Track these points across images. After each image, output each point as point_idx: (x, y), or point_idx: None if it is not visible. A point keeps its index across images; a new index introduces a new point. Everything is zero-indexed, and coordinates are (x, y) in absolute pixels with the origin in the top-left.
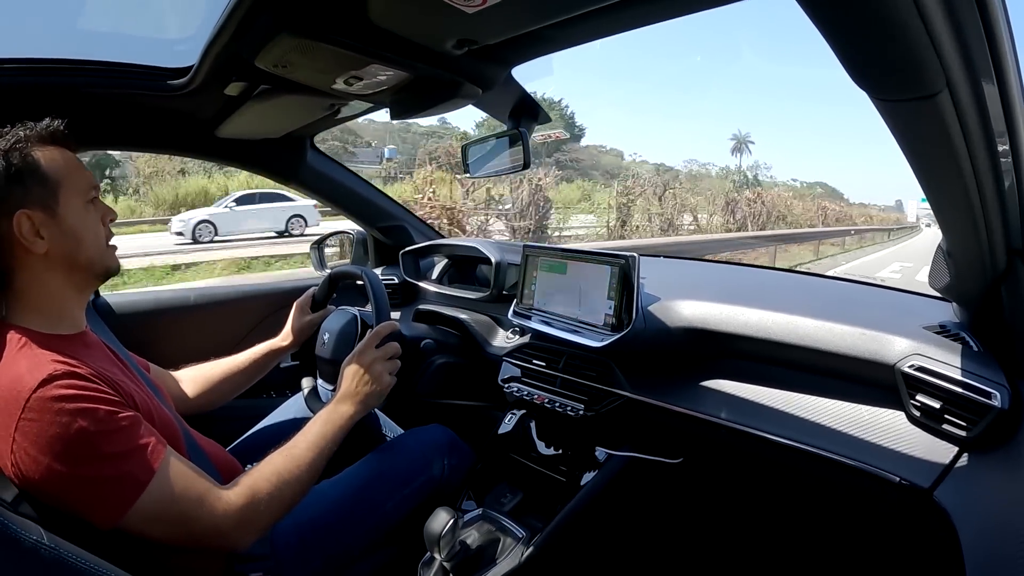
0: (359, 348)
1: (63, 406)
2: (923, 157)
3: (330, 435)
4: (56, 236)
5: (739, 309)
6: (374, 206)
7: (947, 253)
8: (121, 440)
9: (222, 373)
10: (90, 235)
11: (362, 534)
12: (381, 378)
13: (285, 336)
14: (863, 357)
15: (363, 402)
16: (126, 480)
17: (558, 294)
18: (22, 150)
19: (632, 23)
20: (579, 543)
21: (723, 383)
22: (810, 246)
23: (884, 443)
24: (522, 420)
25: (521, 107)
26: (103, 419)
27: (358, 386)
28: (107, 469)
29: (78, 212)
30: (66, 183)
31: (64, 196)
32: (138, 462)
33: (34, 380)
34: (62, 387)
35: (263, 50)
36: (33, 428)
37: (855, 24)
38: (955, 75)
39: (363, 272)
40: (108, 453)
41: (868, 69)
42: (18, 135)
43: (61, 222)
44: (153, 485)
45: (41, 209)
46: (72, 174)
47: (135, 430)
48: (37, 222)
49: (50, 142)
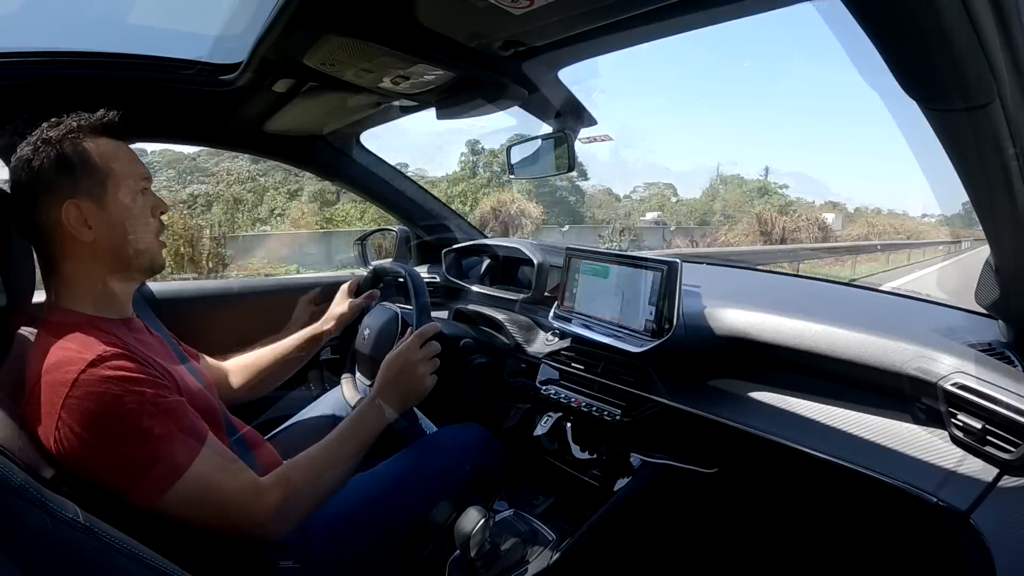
0: (403, 347)
1: (110, 387)
2: (973, 169)
3: (367, 431)
4: (103, 226)
5: (781, 319)
6: (418, 204)
7: (995, 269)
8: (165, 422)
9: (268, 360)
10: (137, 226)
11: (394, 528)
12: (424, 379)
13: (328, 319)
14: (905, 373)
15: (403, 401)
16: (167, 462)
17: (599, 298)
18: (74, 140)
19: (678, 28)
20: (609, 549)
21: (763, 394)
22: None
23: (923, 462)
24: (558, 423)
25: (567, 109)
26: (149, 400)
27: (399, 384)
28: (149, 450)
29: (126, 203)
30: (116, 174)
31: (113, 187)
32: (180, 446)
33: (83, 361)
34: (110, 368)
35: (311, 49)
36: (79, 406)
37: (906, 32)
38: (1006, 86)
39: (405, 270)
40: (152, 434)
41: (919, 77)
42: (71, 125)
43: (109, 213)
44: (193, 470)
45: (89, 199)
46: (123, 165)
47: (180, 413)
48: (85, 211)
49: (103, 133)
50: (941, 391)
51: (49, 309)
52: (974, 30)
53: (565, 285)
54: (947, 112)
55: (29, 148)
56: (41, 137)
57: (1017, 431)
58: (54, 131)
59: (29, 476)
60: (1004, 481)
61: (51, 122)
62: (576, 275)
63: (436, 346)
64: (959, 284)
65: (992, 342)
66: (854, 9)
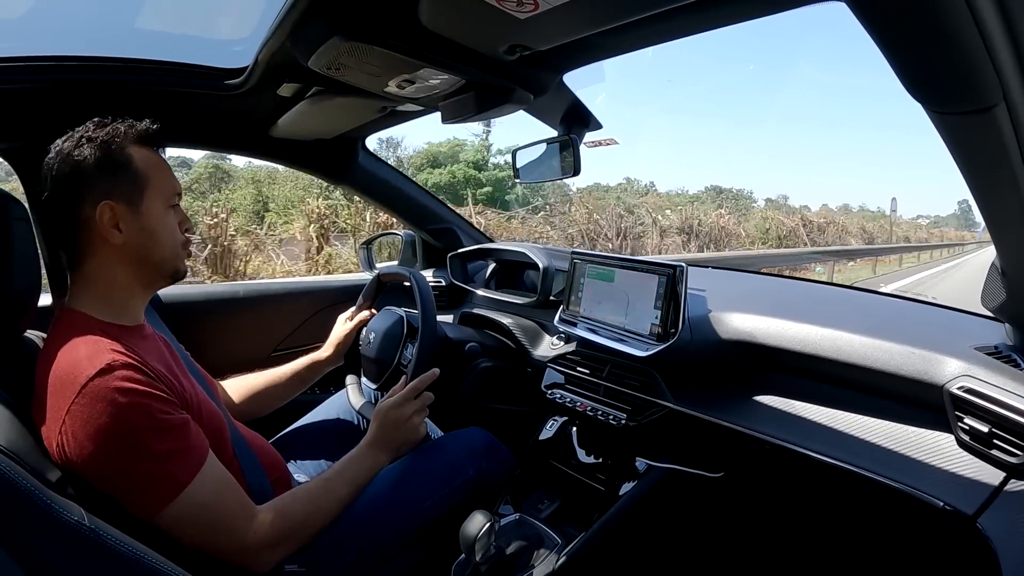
0: (399, 397)
1: (116, 398)
2: (979, 171)
3: (363, 476)
4: (134, 231)
5: (786, 323)
6: (424, 208)
7: (1001, 271)
8: (168, 439)
9: (264, 384)
10: (167, 236)
11: (398, 532)
12: (417, 430)
13: (328, 347)
14: (911, 376)
15: (396, 451)
16: (166, 479)
17: (605, 302)
18: (119, 144)
19: (684, 31)
20: (615, 553)
21: (768, 398)
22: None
23: (929, 466)
24: (563, 427)
25: (572, 113)
26: (154, 416)
27: (394, 436)
28: (150, 465)
29: (158, 213)
30: (153, 183)
31: (149, 195)
32: (181, 463)
33: (92, 368)
34: (118, 378)
35: (316, 53)
36: (84, 414)
37: (911, 34)
38: (1012, 88)
39: (411, 274)
40: (154, 450)
41: (923, 80)
42: (117, 129)
43: (141, 219)
44: (191, 488)
45: (125, 203)
46: (160, 176)
47: (183, 431)
48: (119, 214)
49: (144, 142)
50: (947, 394)
51: (62, 310)
52: (979, 32)
53: (570, 289)
54: (952, 115)
55: (70, 143)
56: (85, 135)
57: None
58: (100, 131)
59: (35, 478)
60: (1011, 485)
61: (96, 121)
62: (581, 279)
63: (430, 396)
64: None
65: (998, 345)
66: (858, 11)
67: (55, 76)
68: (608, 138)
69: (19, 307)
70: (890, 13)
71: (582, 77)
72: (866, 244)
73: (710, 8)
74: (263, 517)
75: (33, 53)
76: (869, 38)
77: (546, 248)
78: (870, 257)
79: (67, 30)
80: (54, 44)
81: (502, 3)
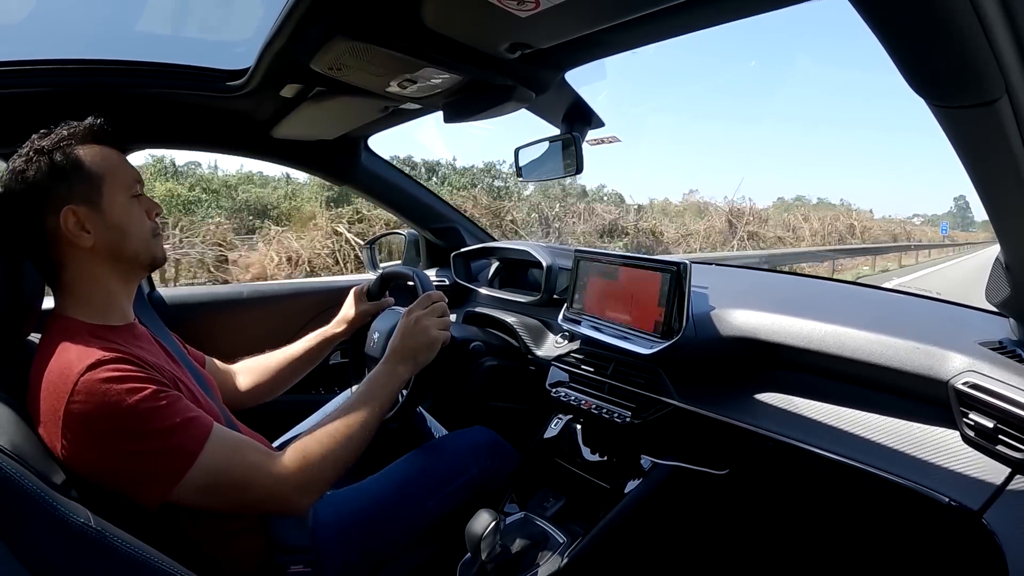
0: (410, 308)
1: (110, 387)
2: (982, 165)
3: (381, 393)
4: (101, 230)
5: (790, 319)
6: (427, 208)
7: (1005, 266)
8: (168, 414)
9: (278, 363)
10: (135, 228)
11: (402, 531)
12: (429, 331)
13: (339, 323)
14: (916, 372)
15: (413, 358)
16: (175, 453)
17: (609, 300)
18: (65, 148)
19: (686, 28)
20: (620, 551)
21: (772, 395)
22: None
23: (934, 462)
24: (568, 425)
25: (574, 111)
26: (150, 397)
27: (409, 341)
28: (156, 443)
29: (122, 206)
30: (109, 178)
31: (108, 191)
32: (187, 435)
33: (82, 364)
34: (109, 370)
35: (318, 53)
36: (81, 409)
37: (912, 28)
38: (1015, 81)
39: (414, 273)
40: (156, 428)
41: (925, 74)
42: (61, 134)
43: (106, 216)
44: (203, 456)
45: (86, 204)
46: (115, 170)
47: (182, 404)
48: (82, 217)
49: (92, 140)
50: (952, 390)
51: (52, 318)
52: (981, 25)
53: (574, 287)
54: (955, 109)
55: (22, 160)
56: (33, 148)
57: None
58: (45, 141)
59: (41, 481)
60: (1016, 480)
61: (40, 133)
62: (585, 277)
63: (442, 306)
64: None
65: (1003, 340)
66: (859, 5)
67: (57, 80)
68: (610, 136)
69: (25, 311)
70: (892, 6)
71: (584, 75)
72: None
73: (712, 4)
74: (285, 462)
75: (34, 57)
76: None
77: (550, 246)
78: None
79: (68, 34)
80: (55, 48)
81: (503, 2)
